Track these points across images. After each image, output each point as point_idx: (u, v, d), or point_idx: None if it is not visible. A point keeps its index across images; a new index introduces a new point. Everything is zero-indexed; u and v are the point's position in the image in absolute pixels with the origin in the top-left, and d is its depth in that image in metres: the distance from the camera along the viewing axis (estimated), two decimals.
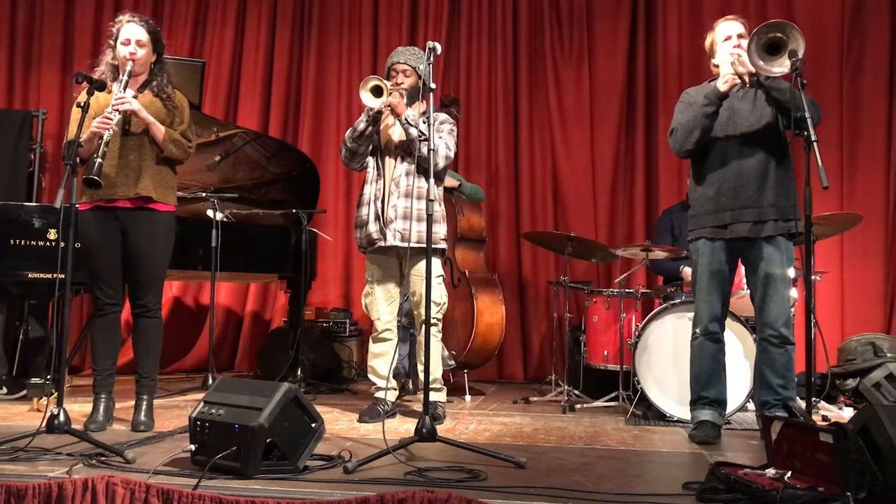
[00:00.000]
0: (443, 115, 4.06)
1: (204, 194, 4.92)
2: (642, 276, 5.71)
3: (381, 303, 4.03)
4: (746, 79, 3.37)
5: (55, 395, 3.67)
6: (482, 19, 6.42)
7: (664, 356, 4.16)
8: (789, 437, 2.46)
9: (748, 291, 3.88)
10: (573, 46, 6.28)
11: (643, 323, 4.24)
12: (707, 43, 3.65)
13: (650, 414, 4.20)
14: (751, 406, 4.08)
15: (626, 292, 4.56)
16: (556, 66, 6.29)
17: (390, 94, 3.79)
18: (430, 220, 3.16)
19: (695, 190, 3.67)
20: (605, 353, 4.62)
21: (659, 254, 4.50)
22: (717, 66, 3.57)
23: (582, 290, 5.07)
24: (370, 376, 4.08)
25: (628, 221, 6.12)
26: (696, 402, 3.61)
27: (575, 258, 4.94)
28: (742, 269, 3.74)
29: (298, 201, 5.48)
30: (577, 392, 4.71)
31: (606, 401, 4.50)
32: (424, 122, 3.52)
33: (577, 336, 4.97)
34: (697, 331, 3.61)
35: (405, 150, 3.94)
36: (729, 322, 3.76)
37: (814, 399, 4.00)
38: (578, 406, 4.45)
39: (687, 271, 4.80)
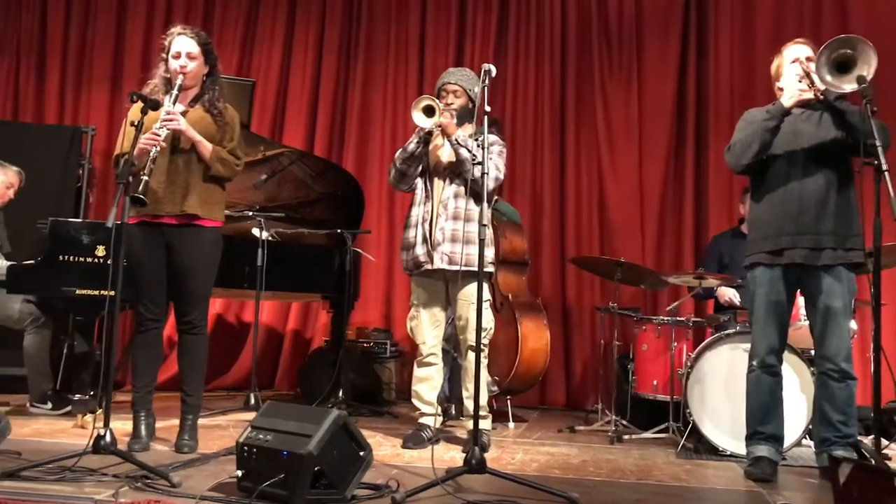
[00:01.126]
0: (493, 137, 3.99)
1: (251, 213, 4.91)
2: (689, 303, 5.57)
3: (427, 327, 3.96)
4: (812, 94, 3.29)
5: (99, 411, 3.66)
6: (529, 41, 6.39)
7: (717, 388, 4.03)
8: (860, 480, 2.34)
9: (806, 323, 3.77)
10: (622, 68, 6.22)
11: (696, 353, 4.12)
12: (773, 66, 3.56)
13: (701, 447, 4.06)
14: (806, 442, 3.95)
15: (677, 320, 4.44)
16: (605, 87, 6.22)
17: (442, 113, 3.75)
18: (482, 244, 3.08)
19: (753, 211, 3.57)
20: (655, 382, 4.50)
21: (711, 282, 4.39)
22: (781, 90, 3.47)
23: (630, 318, 4.95)
24: (414, 401, 4.01)
25: (676, 247, 6.00)
26: (752, 438, 3.48)
27: (622, 284, 4.83)
28: (799, 300, 3.62)
29: (342, 221, 5.45)
30: (624, 422, 4.59)
31: (656, 432, 4.38)
32: (479, 146, 3.46)
33: (625, 364, 4.85)
34: (754, 363, 3.49)
35: (454, 171, 3.88)
36: (785, 354, 3.63)
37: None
38: (626, 437, 4.34)
39: (722, 291, 4.68)
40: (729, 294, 4.61)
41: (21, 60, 6.91)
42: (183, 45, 3.46)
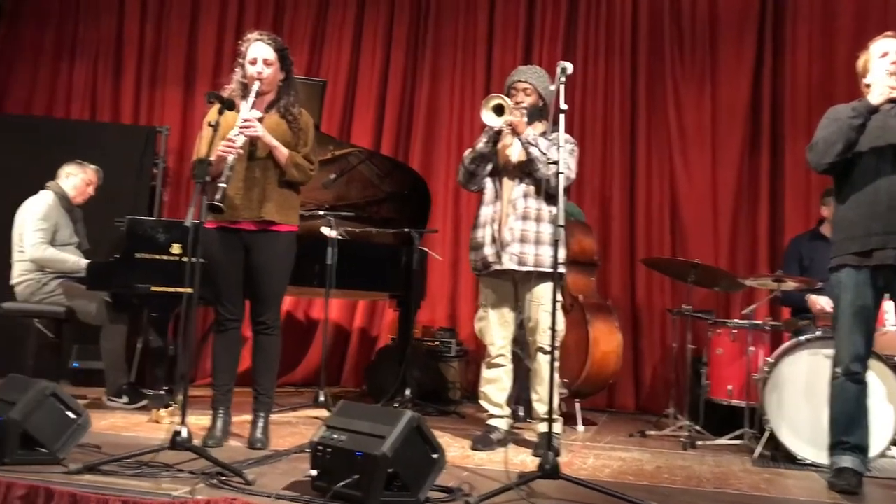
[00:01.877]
0: (565, 135, 3.93)
1: (321, 213, 4.94)
2: (763, 307, 5.40)
3: (496, 327, 3.92)
4: None
5: (173, 406, 3.74)
6: (599, 40, 6.29)
7: (797, 395, 3.90)
8: None
9: (892, 329, 3.62)
10: (695, 67, 6.07)
11: (774, 358, 3.99)
12: (860, 63, 3.41)
13: (778, 455, 3.93)
14: (891, 453, 3.80)
15: (753, 324, 4.31)
16: (677, 87, 6.08)
17: (511, 112, 3.70)
18: (556, 246, 3.05)
19: (838, 211, 3.44)
20: (730, 387, 4.37)
21: (790, 284, 4.24)
22: (868, 87, 3.32)
23: (704, 321, 4.82)
24: (482, 402, 3.98)
25: (751, 249, 5.84)
26: (835, 448, 3.35)
27: (695, 286, 4.71)
28: (885, 304, 3.47)
29: (409, 220, 5.45)
30: (697, 428, 4.47)
31: (730, 438, 4.26)
32: (553, 144, 3.40)
33: (698, 368, 4.73)
34: (838, 370, 3.35)
35: (524, 170, 3.83)
36: (870, 361, 3.48)
37: None
38: (700, 443, 4.23)
39: (814, 300, 4.51)
40: (821, 302, 4.42)
41: (99, 62, 7.08)
42: (260, 52, 3.48)
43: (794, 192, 5.72)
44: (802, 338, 3.99)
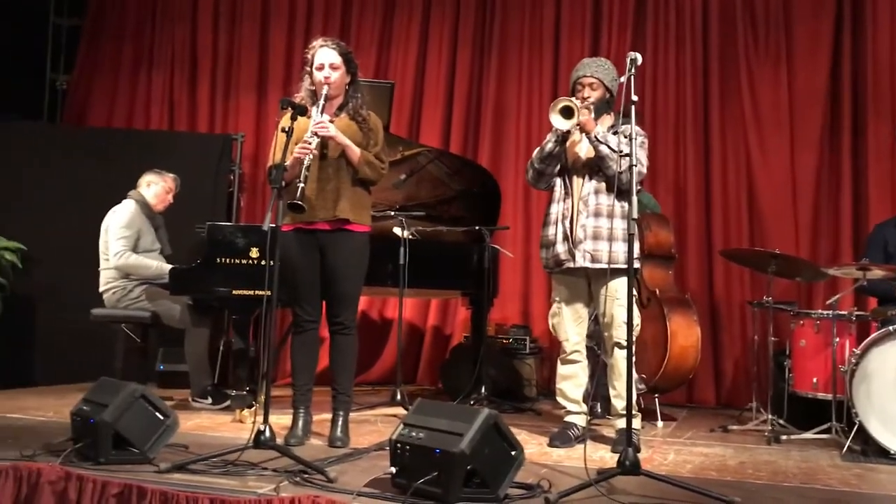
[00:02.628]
0: (635, 128, 3.87)
1: (392, 213, 4.99)
2: (847, 297, 5.22)
3: (570, 324, 3.90)
4: None
5: (256, 407, 3.83)
6: (669, 27, 6.17)
7: (887, 386, 3.76)
8: None
9: None
10: (769, 49, 5.90)
11: (862, 349, 3.86)
12: None
13: (869, 450, 3.80)
14: None
15: (838, 314, 4.18)
16: (751, 70, 5.92)
17: (580, 112, 3.65)
18: (631, 239, 3.02)
19: None
20: (815, 380, 4.25)
21: (877, 273, 4.09)
22: None
23: (786, 312, 4.69)
24: (559, 399, 3.97)
25: (833, 237, 5.66)
26: None
27: (776, 277, 4.58)
28: None
29: (479, 218, 5.44)
30: (781, 422, 4.36)
31: (816, 432, 4.13)
32: (625, 137, 3.36)
33: (781, 361, 4.60)
34: None
35: (593, 167, 3.78)
36: None
37: None
38: (784, 437, 4.12)
39: None
40: None
41: (175, 72, 7.27)
42: (326, 57, 3.55)
43: (878, 176, 5.53)
44: (892, 327, 3.85)
